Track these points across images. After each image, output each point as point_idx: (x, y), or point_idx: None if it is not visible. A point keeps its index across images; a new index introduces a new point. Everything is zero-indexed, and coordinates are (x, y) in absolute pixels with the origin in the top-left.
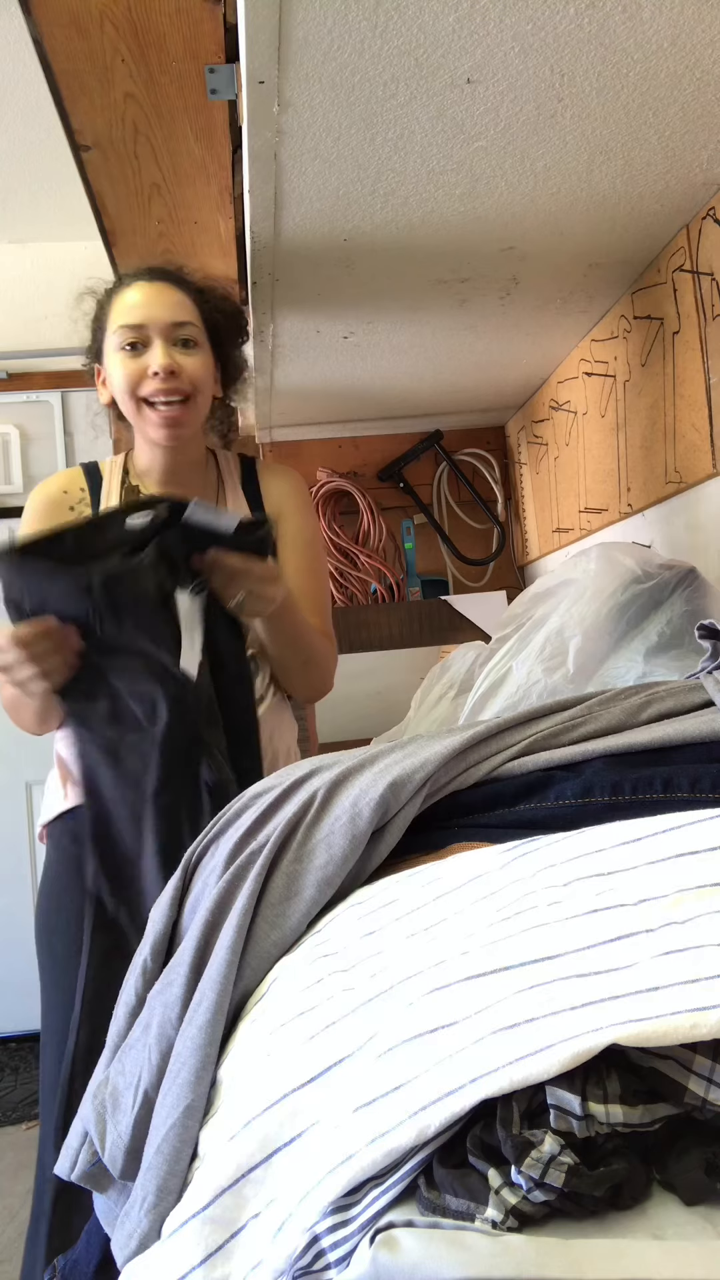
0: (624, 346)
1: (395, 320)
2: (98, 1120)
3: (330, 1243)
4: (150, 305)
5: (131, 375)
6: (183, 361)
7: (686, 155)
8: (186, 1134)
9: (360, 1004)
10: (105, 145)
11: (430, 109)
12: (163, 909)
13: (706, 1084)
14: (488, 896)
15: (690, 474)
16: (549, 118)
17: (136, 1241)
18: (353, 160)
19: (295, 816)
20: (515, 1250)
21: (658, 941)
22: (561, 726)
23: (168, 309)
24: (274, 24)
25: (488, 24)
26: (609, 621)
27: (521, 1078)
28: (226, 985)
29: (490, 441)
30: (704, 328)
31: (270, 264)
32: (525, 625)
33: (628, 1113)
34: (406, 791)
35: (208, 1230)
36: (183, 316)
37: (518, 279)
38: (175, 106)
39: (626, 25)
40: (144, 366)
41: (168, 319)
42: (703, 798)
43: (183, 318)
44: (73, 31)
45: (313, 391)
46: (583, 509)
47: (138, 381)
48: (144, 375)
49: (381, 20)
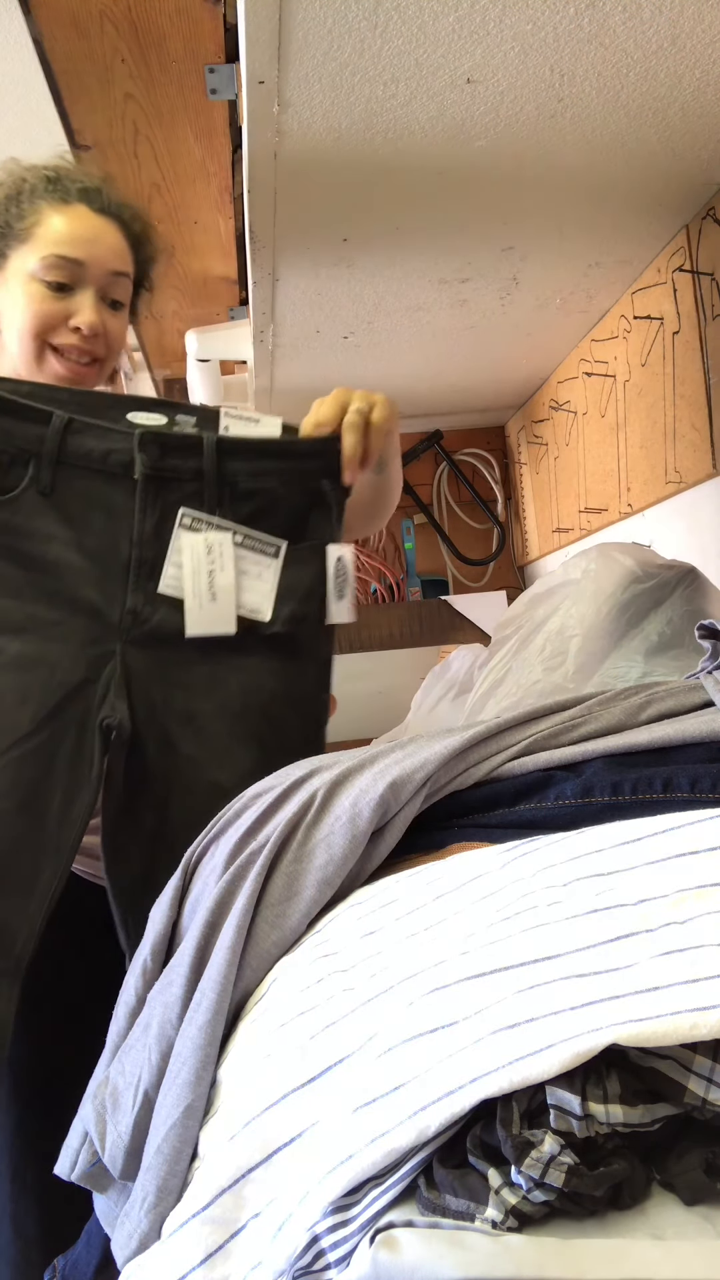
0: (624, 346)
1: (395, 320)
2: (98, 1120)
3: (330, 1243)
4: (96, 243)
5: (48, 317)
6: (109, 323)
7: (686, 155)
8: (186, 1134)
9: (360, 1004)
10: (105, 145)
11: (430, 109)
12: (163, 909)
13: (706, 1084)
14: (488, 896)
15: (690, 474)
16: (549, 118)
17: (136, 1241)
18: (352, 160)
19: (295, 816)
20: (515, 1250)
21: (658, 941)
22: (561, 726)
23: (113, 254)
24: (274, 24)
25: (488, 24)
26: (609, 621)
27: (521, 1078)
28: (226, 985)
29: (490, 441)
30: (704, 328)
31: (270, 264)
32: (525, 625)
33: (628, 1113)
34: (406, 791)
35: (207, 1230)
36: (122, 267)
37: (518, 279)
38: (175, 106)
39: (626, 25)
40: (65, 313)
41: (110, 266)
42: (703, 798)
43: (122, 268)
44: (73, 31)
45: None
46: (583, 509)
47: (53, 327)
48: (62, 323)
49: (381, 20)
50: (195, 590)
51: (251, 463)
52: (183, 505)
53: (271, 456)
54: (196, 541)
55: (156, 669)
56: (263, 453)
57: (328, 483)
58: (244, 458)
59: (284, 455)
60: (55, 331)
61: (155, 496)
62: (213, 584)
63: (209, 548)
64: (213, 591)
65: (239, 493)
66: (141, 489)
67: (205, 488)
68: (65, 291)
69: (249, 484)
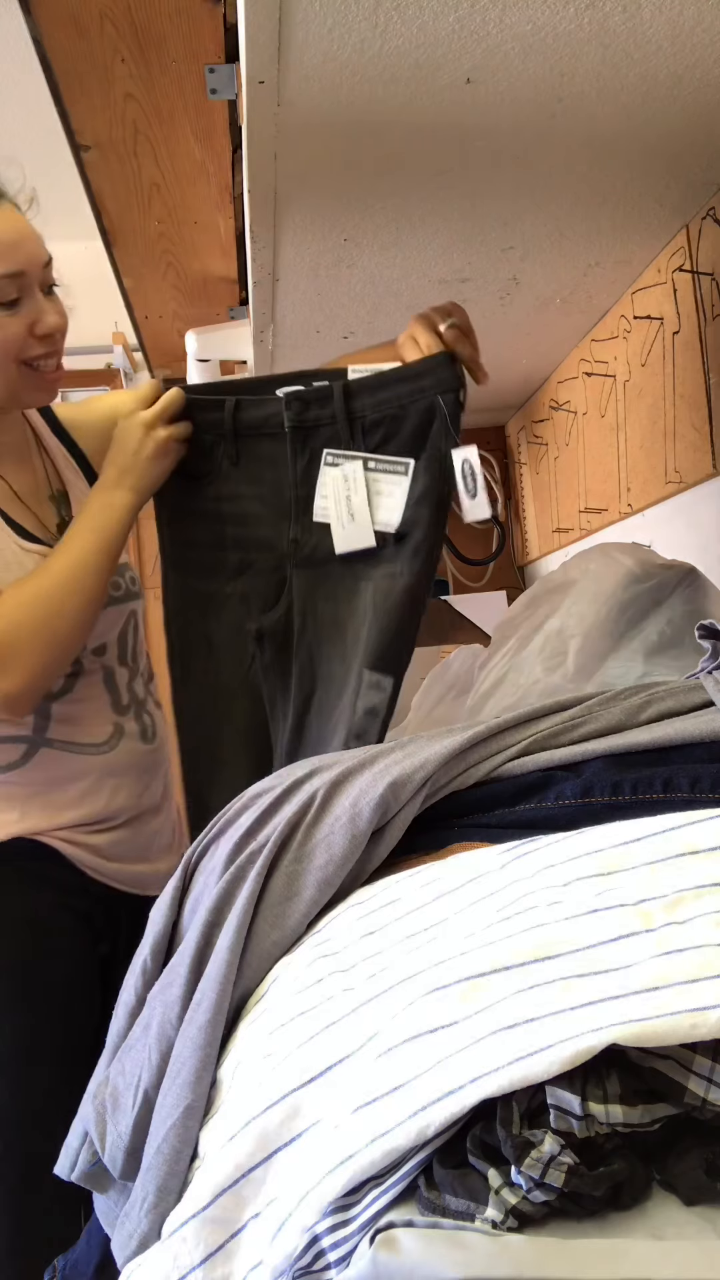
0: (624, 346)
1: (395, 320)
2: (98, 1120)
3: (330, 1243)
4: (20, 245)
5: (14, 339)
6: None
7: (686, 155)
8: (186, 1134)
9: (360, 1004)
10: (105, 145)
11: (430, 109)
12: (163, 909)
13: (706, 1084)
14: (487, 896)
15: (690, 474)
16: (549, 118)
17: (136, 1242)
18: (352, 160)
19: (295, 816)
20: (515, 1250)
21: (658, 941)
22: (561, 726)
23: (37, 245)
24: (274, 24)
25: (488, 24)
26: (609, 621)
27: (521, 1077)
28: (226, 985)
29: (490, 441)
30: (704, 328)
31: (270, 264)
32: (525, 625)
33: (628, 1113)
34: (406, 791)
35: (207, 1230)
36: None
37: (518, 279)
38: (175, 106)
39: (626, 25)
40: (26, 326)
41: (41, 259)
42: (703, 798)
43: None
44: (73, 31)
45: None
46: (583, 509)
47: (20, 344)
48: (26, 336)
49: (381, 20)
50: (338, 515)
51: (374, 396)
52: (325, 448)
53: (389, 386)
54: (336, 474)
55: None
56: (381, 386)
57: (442, 397)
58: (367, 394)
59: (400, 382)
60: (25, 346)
61: (303, 444)
62: (350, 507)
63: (345, 477)
64: (351, 513)
65: (367, 425)
66: (290, 440)
67: (339, 428)
68: (15, 306)
69: (375, 415)
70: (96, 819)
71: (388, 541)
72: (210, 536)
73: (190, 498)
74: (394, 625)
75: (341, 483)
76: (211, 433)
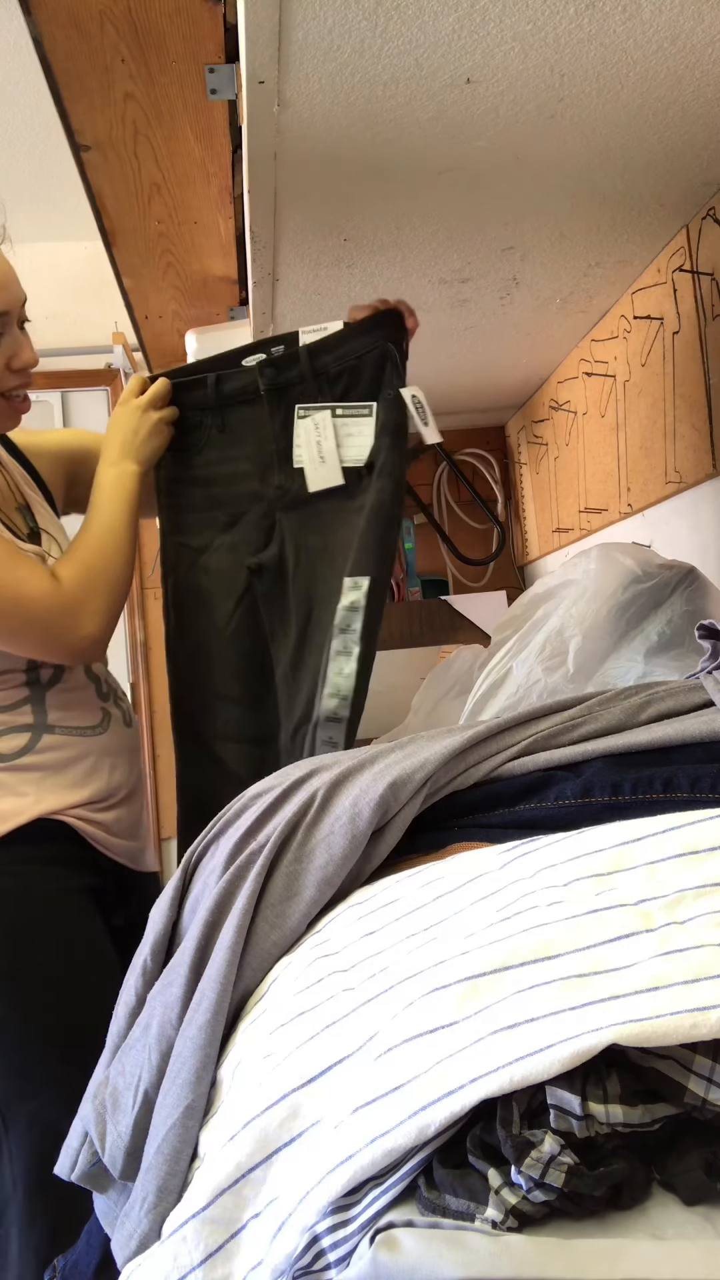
0: (624, 346)
1: None
2: (98, 1120)
3: (330, 1243)
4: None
5: None
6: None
7: (686, 155)
8: (186, 1134)
9: (360, 1004)
10: (105, 145)
11: (430, 109)
12: (162, 909)
13: (706, 1084)
14: (488, 896)
15: (690, 474)
16: (549, 118)
17: (136, 1242)
18: (352, 160)
19: (295, 816)
20: (515, 1250)
21: (658, 941)
22: (561, 726)
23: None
24: (274, 24)
25: (488, 24)
26: (609, 621)
27: (521, 1077)
28: (226, 985)
29: (490, 441)
30: (704, 328)
31: (270, 264)
32: (525, 625)
33: (628, 1113)
34: (406, 791)
35: (207, 1230)
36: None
37: (518, 279)
38: (175, 106)
39: (626, 25)
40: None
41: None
42: (703, 798)
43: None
44: (73, 31)
45: None
46: (583, 509)
47: None
48: (3, 370)
49: (381, 20)
50: (310, 459)
51: (334, 353)
52: (297, 404)
53: (347, 342)
54: (307, 424)
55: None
56: (340, 343)
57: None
58: (328, 352)
59: (356, 337)
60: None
61: (278, 403)
62: (321, 451)
63: (315, 425)
64: (321, 456)
65: (331, 378)
66: (267, 401)
67: (307, 385)
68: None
69: (336, 368)
70: (103, 796)
71: (361, 474)
72: (203, 499)
73: (184, 468)
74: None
75: (312, 430)
76: (198, 408)
